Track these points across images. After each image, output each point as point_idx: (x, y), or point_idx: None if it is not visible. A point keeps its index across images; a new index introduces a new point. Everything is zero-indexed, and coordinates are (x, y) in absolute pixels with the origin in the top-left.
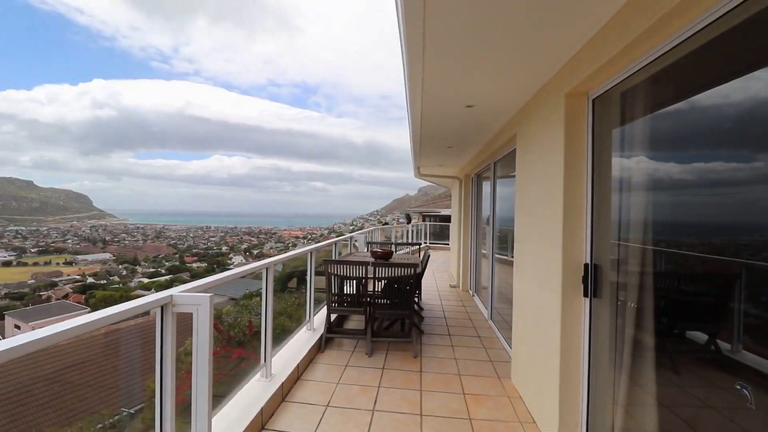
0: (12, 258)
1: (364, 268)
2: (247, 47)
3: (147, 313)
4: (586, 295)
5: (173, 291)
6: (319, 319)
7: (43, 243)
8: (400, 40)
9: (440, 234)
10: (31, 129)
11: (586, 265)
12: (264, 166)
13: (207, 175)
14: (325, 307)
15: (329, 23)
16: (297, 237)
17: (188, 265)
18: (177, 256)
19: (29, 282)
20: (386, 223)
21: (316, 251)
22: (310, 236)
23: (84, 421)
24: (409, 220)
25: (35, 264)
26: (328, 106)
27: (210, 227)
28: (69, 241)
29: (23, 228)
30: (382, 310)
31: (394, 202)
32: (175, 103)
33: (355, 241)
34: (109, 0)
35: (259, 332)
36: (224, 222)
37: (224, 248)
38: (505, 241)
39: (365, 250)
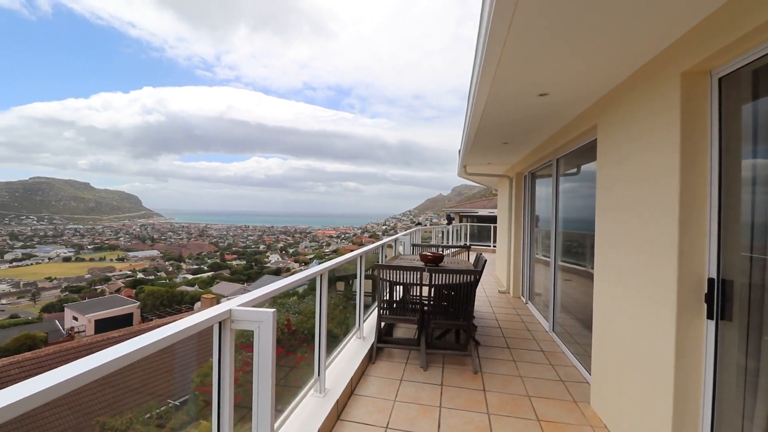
0: (71, 254)
1: (417, 274)
2: (284, 53)
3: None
4: (710, 316)
5: (232, 305)
6: (367, 326)
7: (99, 240)
8: (482, 19)
9: (478, 235)
10: (88, 135)
11: (710, 280)
12: (299, 166)
13: (246, 176)
14: (374, 314)
15: (361, 26)
16: (331, 236)
17: (228, 262)
18: (218, 253)
19: (86, 276)
20: (419, 223)
21: (359, 255)
22: (343, 236)
23: (134, 411)
24: (450, 220)
25: (91, 260)
26: (362, 107)
27: (248, 226)
28: (121, 238)
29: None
30: (437, 319)
31: (427, 201)
32: (216, 108)
33: (401, 243)
34: (158, 14)
35: (297, 332)
36: (262, 221)
37: (261, 247)
38: (570, 247)
39: (410, 252)
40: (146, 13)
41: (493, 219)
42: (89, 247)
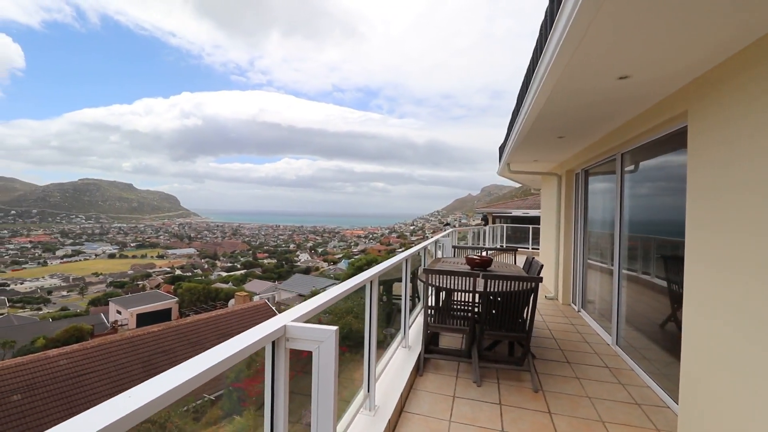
0: (116, 251)
1: (470, 280)
2: (314, 57)
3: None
4: None
5: (285, 319)
6: (410, 334)
7: (140, 238)
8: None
9: (514, 236)
10: (132, 138)
11: None
12: (328, 167)
13: (277, 177)
14: (418, 321)
15: (390, 27)
16: (359, 236)
17: (260, 261)
18: (250, 252)
19: (129, 272)
20: (447, 224)
21: (405, 258)
22: (371, 236)
23: (172, 405)
24: (486, 221)
25: (134, 257)
26: (390, 108)
27: (279, 226)
28: (161, 236)
29: (125, 225)
30: (490, 329)
31: (455, 201)
32: (249, 111)
33: (440, 245)
34: (197, 23)
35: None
36: (292, 221)
37: (292, 246)
38: (636, 253)
39: (451, 255)
40: (186, 22)
41: (528, 220)
42: (132, 244)
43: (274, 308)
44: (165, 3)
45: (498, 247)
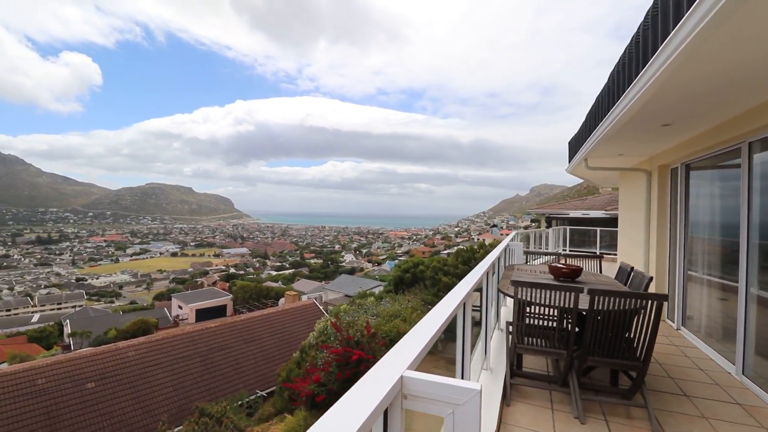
0: (177, 249)
1: (571, 295)
2: (359, 62)
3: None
4: None
5: (399, 366)
6: (479, 353)
7: (199, 238)
8: None
9: (578, 240)
10: (192, 145)
11: None
12: (372, 169)
13: (323, 179)
14: (494, 339)
15: (433, 28)
16: (402, 237)
17: (307, 261)
18: (298, 252)
19: (189, 270)
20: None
21: (488, 269)
22: (414, 237)
23: (227, 399)
24: (550, 224)
25: (193, 255)
26: (434, 109)
27: (325, 227)
28: (217, 237)
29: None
30: (596, 356)
31: (502, 202)
32: (297, 116)
33: (511, 250)
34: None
35: (376, 335)
36: (337, 222)
37: (337, 246)
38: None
39: (522, 260)
40: (241, 36)
41: (588, 221)
42: (191, 243)
43: (321, 308)
44: (222, 19)
45: (600, 254)
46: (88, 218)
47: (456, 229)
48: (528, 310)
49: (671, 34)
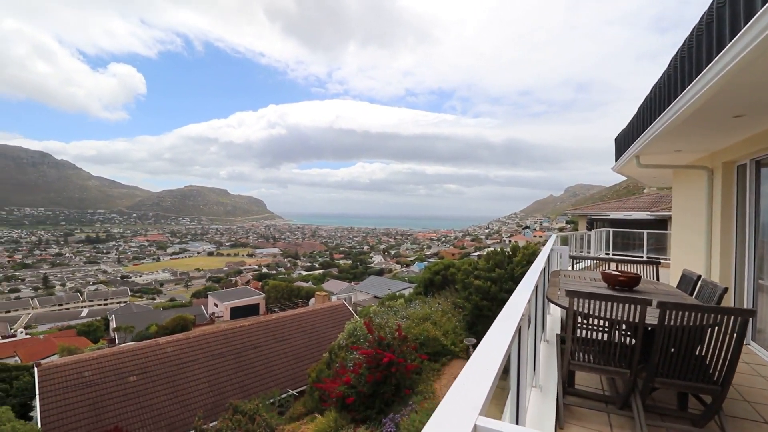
0: (213, 249)
1: (635, 307)
2: (388, 64)
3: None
4: None
5: (473, 414)
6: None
7: (233, 238)
8: None
9: (622, 243)
10: (228, 149)
11: None
12: (401, 170)
13: (352, 181)
14: (542, 352)
15: (463, 27)
16: (431, 239)
17: (336, 261)
18: (328, 253)
19: (224, 269)
20: (527, 227)
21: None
22: (444, 238)
23: (260, 397)
24: (592, 225)
25: (228, 255)
26: (464, 109)
27: (354, 228)
28: (250, 237)
29: (221, 226)
30: (665, 377)
31: (535, 203)
32: (327, 119)
33: (559, 254)
34: (283, 43)
35: (407, 338)
36: (365, 224)
37: (366, 247)
38: None
39: (567, 265)
40: (274, 43)
41: (631, 223)
42: (226, 243)
43: (351, 309)
44: (257, 27)
45: (658, 260)
46: (132, 219)
47: (486, 230)
48: (579, 320)
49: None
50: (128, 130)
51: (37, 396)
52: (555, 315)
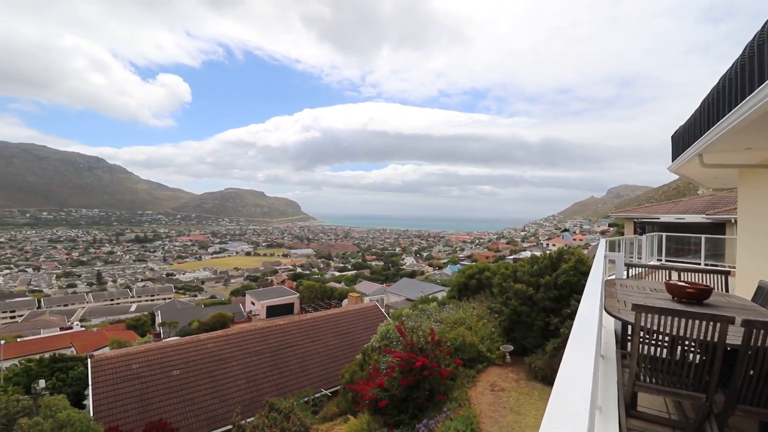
0: (251, 249)
1: (713, 325)
2: (421, 66)
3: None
4: None
5: None
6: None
7: (270, 239)
8: None
9: (675, 249)
10: (265, 153)
11: None
12: (433, 171)
13: (384, 182)
14: (603, 370)
15: (497, 25)
16: (464, 241)
17: (368, 262)
18: (360, 254)
19: (260, 268)
20: (566, 230)
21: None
22: (477, 241)
23: (294, 396)
24: (643, 229)
25: (264, 255)
26: (498, 108)
27: (385, 230)
28: (285, 238)
29: (258, 227)
30: (749, 404)
31: (575, 205)
32: (360, 121)
33: (612, 261)
34: (318, 49)
35: (441, 342)
36: (397, 225)
37: (397, 249)
38: None
39: (623, 273)
40: (309, 49)
41: (684, 227)
42: (263, 244)
43: (383, 311)
44: (293, 35)
45: (727, 268)
46: (177, 220)
47: (522, 233)
48: (644, 336)
49: None
50: (174, 136)
51: (90, 386)
52: (608, 327)
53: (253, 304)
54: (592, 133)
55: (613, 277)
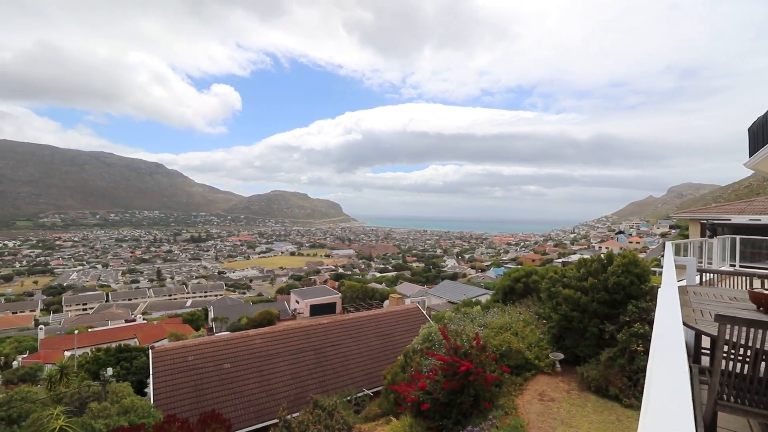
0: (295, 249)
1: None
2: (463, 65)
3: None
4: None
5: None
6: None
7: (312, 240)
8: None
9: (750, 253)
10: (308, 156)
11: None
12: (475, 172)
13: (425, 183)
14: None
15: (546, 19)
16: (508, 243)
17: (409, 264)
18: (400, 255)
19: (304, 268)
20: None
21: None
22: (522, 243)
23: (338, 394)
24: (714, 232)
25: (307, 255)
26: (545, 105)
27: (426, 231)
28: (327, 238)
29: (301, 228)
30: None
31: (631, 205)
32: (400, 122)
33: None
34: (360, 53)
35: (486, 347)
36: (438, 226)
37: (438, 251)
38: None
39: (695, 280)
40: (352, 54)
41: (758, 230)
42: (306, 244)
43: (424, 313)
44: (336, 41)
45: (749, 269)
46: (227, 221)
47: (572, 235)
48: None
49: None
50: (226, 142)
51: (151, 375)
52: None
53: (297, 302)
54: (649, 128)
55: (683, 283)
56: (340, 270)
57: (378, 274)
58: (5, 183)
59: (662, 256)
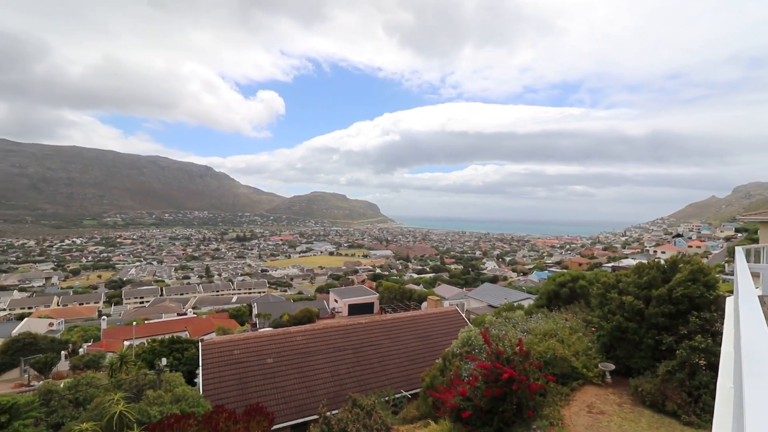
0: (333, 249)
1: None
2: (505, 62)
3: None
4: None
5: None
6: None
7: (351, 240)
8: None
9: None
10: (347, 157)
11: None
12: (517, 171)
13: (464, 184)
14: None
15: (593, 12)
16: (553, 246)
17: (447, 266)
18: (438, 256)
19: (342, 268)
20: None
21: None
22: (568, 246)
23: (376, 394)
24: None
25: (346, 255)
26: (593, 101)
27: (465, 232)
28: (365, 239)
29: (340, 228)
30: None
31: (690, 207)
32: (439, 122)
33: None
34: (399, 55)
35: (530, 354)
36: (477, 228)
37: (477, 253)
38: None
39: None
40: (390, 56)
41: None
42: (345, 244)
43: (464, 316)
44: (375, 44)
45: None
46: (270, 221)
47: (623, 238)
48: None
49: None
50: (270, 145)
51: (201, 367)
52: None
53: (336, 301)
54: (711, 123)
55: (759, 292)
56: (378, 270)
57: (415, 275)
58: (74, 185)
59: (726, 261)
